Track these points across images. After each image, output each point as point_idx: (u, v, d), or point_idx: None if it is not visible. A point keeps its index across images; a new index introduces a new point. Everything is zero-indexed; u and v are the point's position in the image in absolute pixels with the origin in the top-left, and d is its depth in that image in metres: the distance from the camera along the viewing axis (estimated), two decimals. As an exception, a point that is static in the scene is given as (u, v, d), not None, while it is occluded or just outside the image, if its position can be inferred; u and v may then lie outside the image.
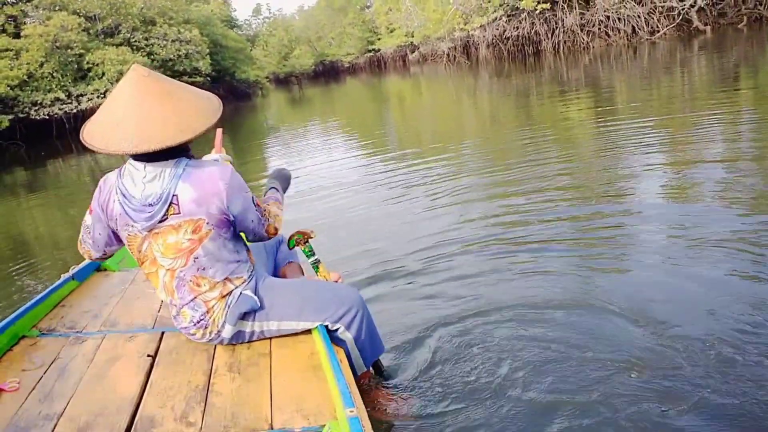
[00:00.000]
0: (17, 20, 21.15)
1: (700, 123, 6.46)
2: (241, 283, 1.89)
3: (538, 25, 25.74)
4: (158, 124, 1.67)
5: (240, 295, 1.90)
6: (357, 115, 16.37)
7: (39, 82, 19.80)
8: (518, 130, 8.05)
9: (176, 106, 1.71)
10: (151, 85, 1.70)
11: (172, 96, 1.72)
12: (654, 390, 2.03)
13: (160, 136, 1.66)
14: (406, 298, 3.09)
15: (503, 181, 5.27)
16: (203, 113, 1.76)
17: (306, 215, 5.08)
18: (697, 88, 9.72)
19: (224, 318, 1.88)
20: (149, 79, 1.71)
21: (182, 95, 1.75)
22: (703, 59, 14.19)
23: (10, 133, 18.40)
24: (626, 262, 3.18)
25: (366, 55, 47.91)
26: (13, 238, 6.20)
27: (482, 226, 4.10)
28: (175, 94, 1.74)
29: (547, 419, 1.97)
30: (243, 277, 1.90)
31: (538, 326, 2.57)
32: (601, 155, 5.75)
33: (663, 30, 22.66)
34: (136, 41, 23.38)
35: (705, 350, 2.23)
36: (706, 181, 4.37)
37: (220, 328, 1.89)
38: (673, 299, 2.67)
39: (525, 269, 3.25)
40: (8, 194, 10.05)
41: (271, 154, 10.78)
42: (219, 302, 1.86)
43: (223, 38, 30.14)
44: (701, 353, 2.21)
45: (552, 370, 2.24)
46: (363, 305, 2.04)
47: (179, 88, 1.78)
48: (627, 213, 3.96)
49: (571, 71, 16.91)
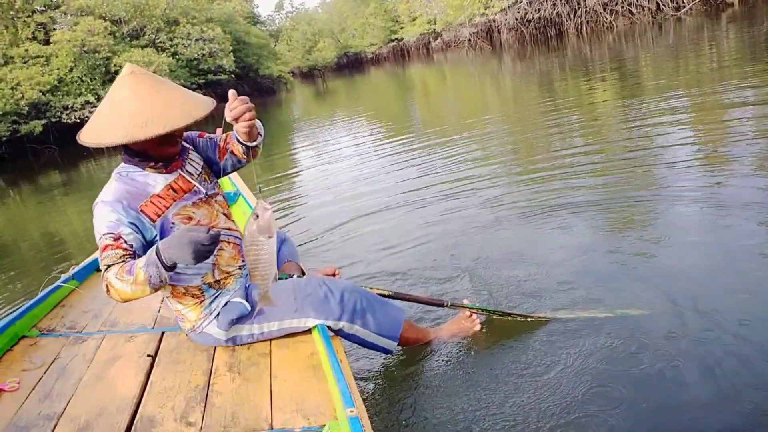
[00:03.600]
0: (46, 27, 21.64)
1: (732, 96, 6.26)
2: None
3: (560, 6, 25.19)
4: (163, 108, 1.70)
5: (228, 303, 1.93)
6: (383, 104, 16.31)
7: (69, 86, 20.25)
8: (547, 112, 7.88)
9: (173, 95, 1.75)
10: (145, 79, 1.74)
11: (167, 86, 1.77)
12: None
13: (164, 119, 1.69)
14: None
15: (533, 165, 5.25)
16: (200, 102, 1.80)
17: (343, 206, 5.14)
18: (727, 61, 9.39)
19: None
20: (144, 75, 1.75)
21: (175, 88, 1.80)
22: (732, 33, 13.69)
23: (44, 137, 18.91)
24: (664, 245, 3.09)
25: (389, 45, 47.65)
26: (45, 238, 6.40)
27: (522, 205, 4.12)
28: (170, 85, 1.79)
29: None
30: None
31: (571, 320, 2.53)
32: (638, 138, 5.56)
33: (689, 5, 21.93)
34: (160, 42, 23.72)
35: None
36: (743, 155, 4.23)
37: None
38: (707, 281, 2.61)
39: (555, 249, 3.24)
40: (45, 196, 10.37)
41: (298, 145, 10.86)
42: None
43: (246, 35, 30.31)
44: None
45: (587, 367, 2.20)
46: (360, 292, 2.06)
47: (171, 83, 1.83)
48: (662, 194, 3.87)
49: (595, 51, 16.52)
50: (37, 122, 18.66)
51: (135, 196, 1.79)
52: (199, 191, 1.93)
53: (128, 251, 1.70)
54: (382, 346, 2.13)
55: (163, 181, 1.85)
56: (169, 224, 1.82)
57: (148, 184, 1.83)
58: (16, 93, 18.66)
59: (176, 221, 1.83)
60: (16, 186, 12.99)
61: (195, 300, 1.92)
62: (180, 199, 1.87)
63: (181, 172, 1.91)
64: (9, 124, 18.06)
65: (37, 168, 15.81)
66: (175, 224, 1.83)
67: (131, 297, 1.68)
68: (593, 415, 1.92)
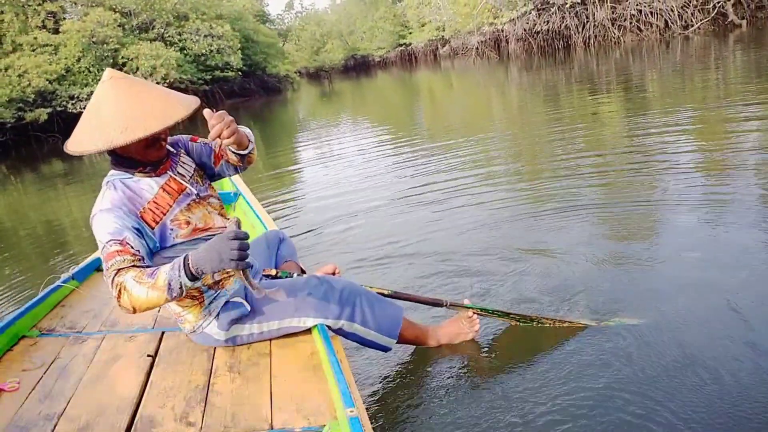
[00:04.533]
0: (56, 16, 21.71)
1: (736, 115, 6.30)
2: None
3: (569, 19, 25.24)
4: (142, 111, 1.69)
5: (227, 303, 1.94)
6: (389, 108, 16.33)
7: (76, 76, 20.29)
8: (551, 122, 7.93)
9: (152, 97, 1.74)
10: (123, 83, 1.73)
11: (147, 88, 1.76)
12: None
13: (144, 122, 1.68)
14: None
15: (536, 171, 5.29)
16: (181, 103, 1.78)
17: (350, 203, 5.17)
18: (732, 81, 9.42)
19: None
20: (124, 80, 1.74)
21: (154, 88, 1.80)
22: (739, 54, 13.73)
23: (49, 125, 18.93)
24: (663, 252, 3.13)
25: (397, 49, 47.68)
26: (45, 227, 6.40)
27: (526, 209, 4.17)
28: (149, 87, 1.78)
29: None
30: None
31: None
32: (644, 151, 5.60)
33: (697, 24, 22.01)
34: (169, 36, 23.78)
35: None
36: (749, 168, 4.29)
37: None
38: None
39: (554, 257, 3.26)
40: (47, 185, 10.37)
41: (301, 144, 10.89)
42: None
43: (255, 33, 30.35)
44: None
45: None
46: (360, 290, 2.08)
47: (151, 84, 1.83)
48: (664, 202, 3.93)
49: (602, 65, 16.56)
50: (43, 110, 18.70)
51: (133, 202, 1.78)
52: (191, 193, 1.93)
53: (137, 255, 1.68)
54: (381, 344, 2.14)
55: (155, 185, 1.85)
56: (167, 230, 1.82)
57: (142, 189, 1.82)
58: (23, 80, 18.71)
59: (174, 227, 1.83)
60: (19, 173, 13.00)
61: (194, 301, 1.93)
62: (175, 202, 1.86)
63: (172, 173, 1.91)
64: (14, 111, 18.10)
65: (41, 156, 15.82)
66: (173, 230, 1.83)
67: (144, 304, 1.63)
68: (593, 416, 1.93)
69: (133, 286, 1.60)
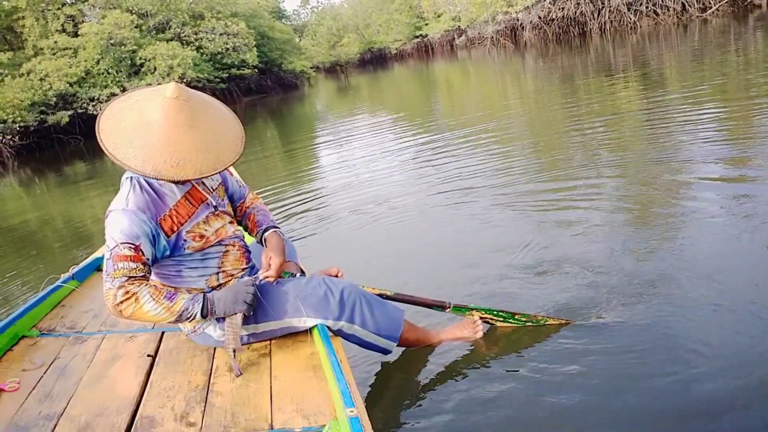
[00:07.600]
0: (75, 20, 22.03)
1: (759, 100, 6.13)
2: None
3: (584, 5, 24.76)
4: (196, 147, 1.68)
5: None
6: (405, 101, 16.25)
7: (96, 78, 20.61)
8: (568, 114, 7.74)
9: (207, 131, 1.72)
10: (186, 108, 1.69)
11: (204, 119, 1.73)
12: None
13: (195, 163, 1.68)
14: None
15: (551, 168, 5.20)
16: (233, 142, 1.78)
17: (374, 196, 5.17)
18: (754, 64, 9.18)
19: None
20: (187, 103, 1.70)
21: (211, 120, 1.76)
22: (760, 35, 13.37)
23: (71, 128, 19.28)
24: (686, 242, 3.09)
25: (413, 41, 47.36)
26: (65, 225, 6.53)
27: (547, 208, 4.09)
28: (206, 118, 1.75)
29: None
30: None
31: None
32: (665, 139, 5.47)
33: (715, 6, 21.42)
34: (185, 36, 23.96)
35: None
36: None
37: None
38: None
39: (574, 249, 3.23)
40: (70, 186, 10.56)
41: (316, 142, 10.90)
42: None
43: (270, 30, 30.39)
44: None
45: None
46: (360, 292, 2.07)
47: (208, 113, 1.78)
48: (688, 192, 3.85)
49: (618, 51, 16.26)
50: (64, 113, 19.05)
51: (157, 207, 1.78)
52: (210, 204, 1.95)
53: (147, 264, 1.73)
54: (381, 346, 2.14)
55: (177, 192, 1.86)
56: (180, 241, 1.84)
57: (166, 195, 1.83)
58: (44, 84, 19.06)
59: (188, 239, 1.85)
60: (43, 176, 13.25)
61: None
62: (194, 213, 1.88)
63: (195, 182, 1.93)
64: (37, 114, 18.45)
65: (63, 158, 16.11)
66: (186, 241, 1.84)
67: (145, 317, 1.74)
68: (593, 417, 1.92)
69: (147, 301, 1.71)
